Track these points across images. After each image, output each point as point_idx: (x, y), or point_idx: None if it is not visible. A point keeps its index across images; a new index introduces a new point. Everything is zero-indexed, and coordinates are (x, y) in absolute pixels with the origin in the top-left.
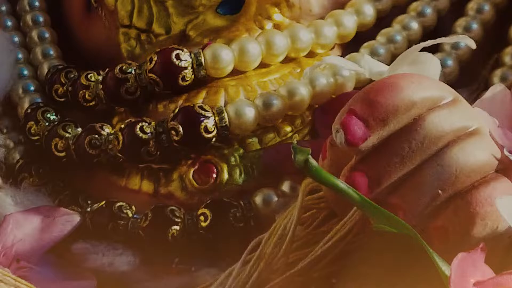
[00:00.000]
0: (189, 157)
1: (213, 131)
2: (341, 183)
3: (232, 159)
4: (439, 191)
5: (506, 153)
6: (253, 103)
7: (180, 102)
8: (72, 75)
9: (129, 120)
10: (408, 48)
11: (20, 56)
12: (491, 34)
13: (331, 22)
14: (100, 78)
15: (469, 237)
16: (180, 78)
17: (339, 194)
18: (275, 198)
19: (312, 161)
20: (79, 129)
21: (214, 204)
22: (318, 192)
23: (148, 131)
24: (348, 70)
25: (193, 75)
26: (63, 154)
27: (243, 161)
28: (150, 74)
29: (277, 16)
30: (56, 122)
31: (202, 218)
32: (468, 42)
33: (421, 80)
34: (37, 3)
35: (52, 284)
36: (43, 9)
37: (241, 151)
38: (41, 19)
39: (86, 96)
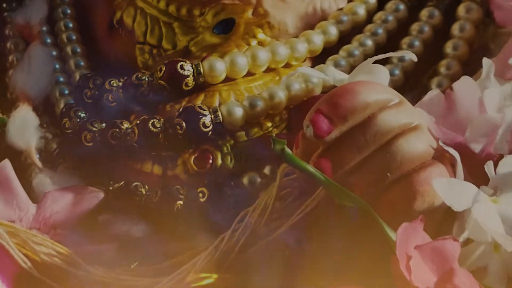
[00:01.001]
0: (190, 147)
1: (209, 126)
2: (310, 167)
3: (225, 148)
4: (388, 174)
5: (441, 143)
6: (241, 104)
7: (183, 103)
8: (98, 82)
9: (143, 117)
10: (364, 60)
11: (57, 66)
12: (429, 50)
13: (303, 40)
14: (120, 84)
15: (411, 210)
16: (183, 84)
17: (309, 176)
18: (259, 179)
19: (288, 150)
20: (103, 125)
21: (210, 184)
22: (292, 174)
23: (158, 126)
24: (317, 78)
25: (194, 82)
26: (90, 144)
27: (233, 150)
28: (160, 81)
29: (260, 35)
30: (85, 119)
31: (200, 195)
32: (411, 56)
33: (374, 86)
34: (70, 25)
35: (82, 247)
36: (75, 29)
37: (232, 142)
38: (73, 37)
39: (109, 98)
